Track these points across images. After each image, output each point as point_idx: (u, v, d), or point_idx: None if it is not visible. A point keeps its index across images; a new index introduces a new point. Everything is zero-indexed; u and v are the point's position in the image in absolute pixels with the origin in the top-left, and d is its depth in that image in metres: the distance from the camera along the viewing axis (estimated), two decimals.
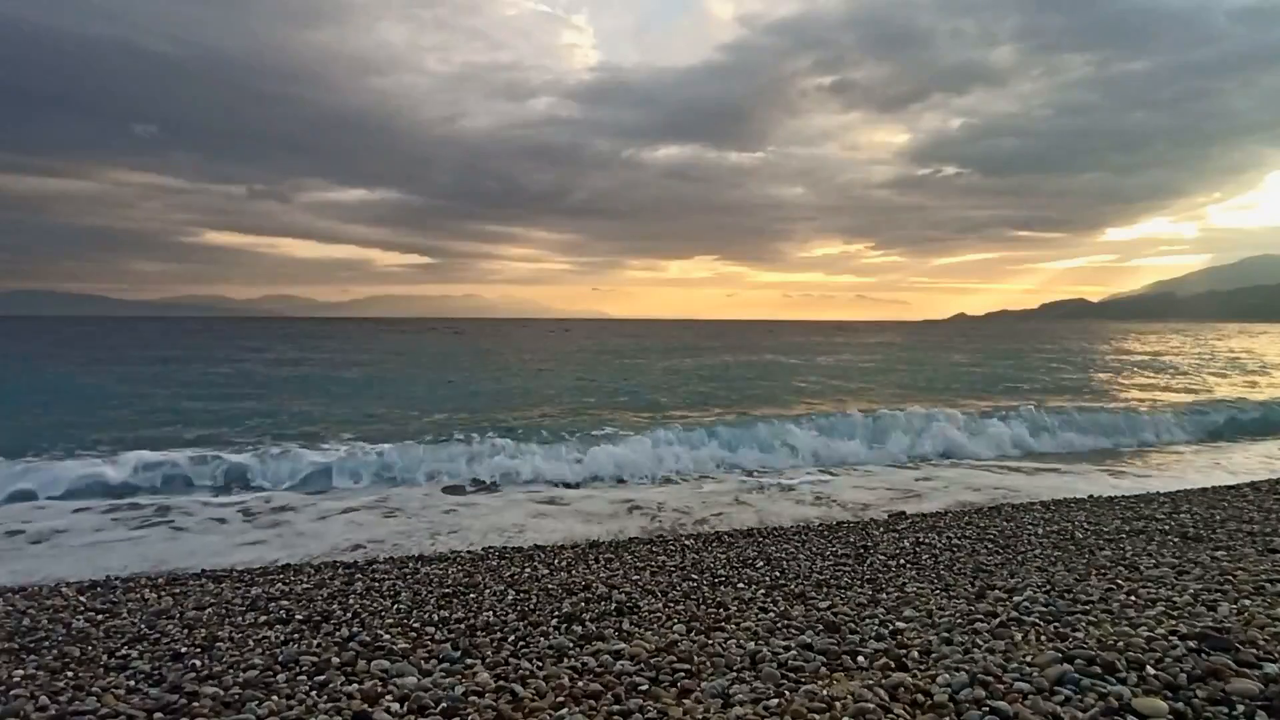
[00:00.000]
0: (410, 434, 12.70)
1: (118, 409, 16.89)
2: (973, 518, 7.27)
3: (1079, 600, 4.05)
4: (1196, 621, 3.42)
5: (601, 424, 14.31)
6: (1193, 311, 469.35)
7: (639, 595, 4.62)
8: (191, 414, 15.99)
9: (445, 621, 4.13)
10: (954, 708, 2.66)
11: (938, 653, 3.28)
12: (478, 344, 55.05)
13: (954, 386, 24.13)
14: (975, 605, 4.10)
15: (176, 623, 4.23)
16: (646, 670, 3.21)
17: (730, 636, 3.69)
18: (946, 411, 14.81)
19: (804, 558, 5.68)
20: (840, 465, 11.76)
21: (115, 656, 3.66)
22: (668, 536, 6.87)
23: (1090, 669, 2.84)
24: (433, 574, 5.34)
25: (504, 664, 3.40)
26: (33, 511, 8.07)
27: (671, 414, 16.56)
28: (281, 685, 3.18)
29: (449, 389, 22.47)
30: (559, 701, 2.92)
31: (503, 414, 16.15)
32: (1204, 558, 5.09)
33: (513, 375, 27.89)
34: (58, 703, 3.06)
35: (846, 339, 71.12)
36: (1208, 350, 47.18)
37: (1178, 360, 37.70)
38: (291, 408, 17.27)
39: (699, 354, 42.22)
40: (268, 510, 8.35)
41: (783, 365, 34.38)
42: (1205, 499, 7.86)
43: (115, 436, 12.45)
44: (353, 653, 3.57)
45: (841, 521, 7.45)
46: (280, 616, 4.29)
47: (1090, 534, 6.23)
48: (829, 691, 2.87)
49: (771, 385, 24.80)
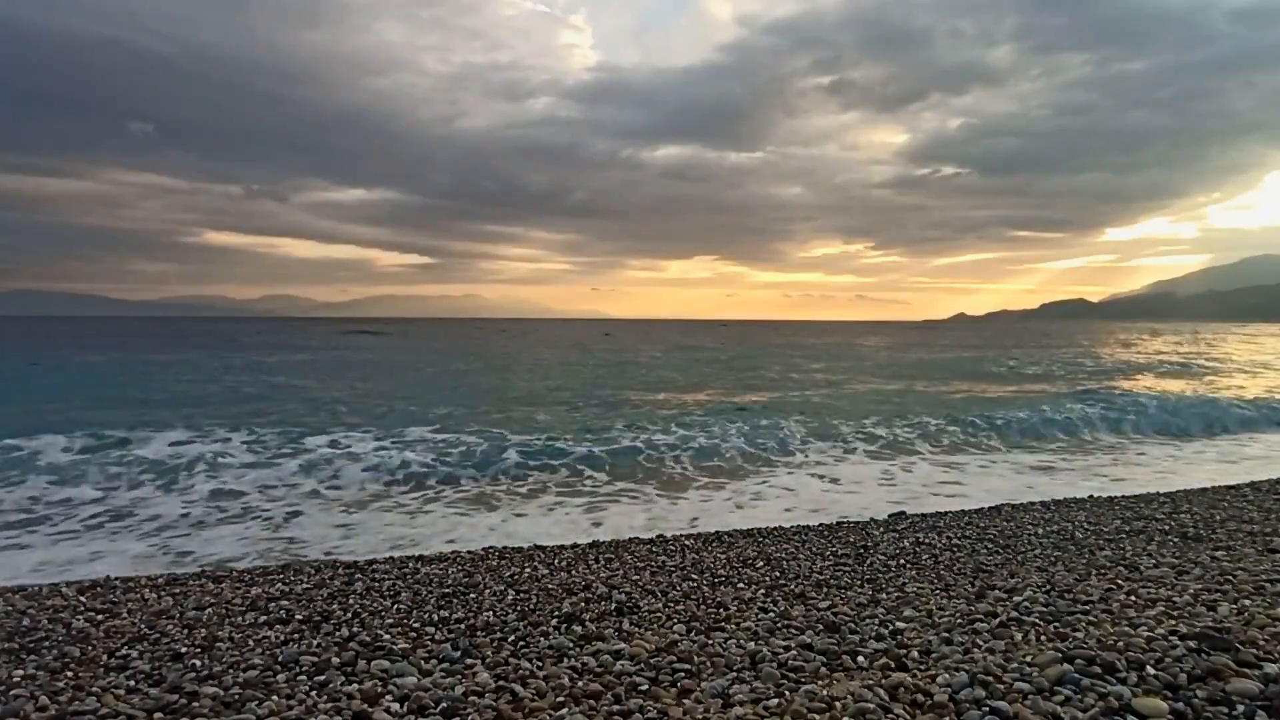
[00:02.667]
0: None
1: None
2: (973, 518, 7.27)
3: (1079, 600, 4.06)
4: (1196, 621, 3.42)
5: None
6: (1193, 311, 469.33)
7: (639, 595, 4.62)
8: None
9: (445, 621, 4.13)
10: (954, 708, 2.66)
11: (938, 653, 3.28)
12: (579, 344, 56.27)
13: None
14: (975, 605, 4.10)
15: (176, 623, 4.22)
16: (646, 670, 3.22)
17: (730, 636, 3.69)
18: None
19: (804, 558, 5.68)
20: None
21: (115, 656, 3.66)
22: (667, 536, 6.86)
23: (1090, 669, 2.84)
24: (433, 574, 5.34)
25: (504, 664, 3.40)
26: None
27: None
28: (281, 685, 3.18)
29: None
30: (559, 701, 2.92)
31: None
32: (1204, 558, 5.09)
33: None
34: (58, 703, 3.06)
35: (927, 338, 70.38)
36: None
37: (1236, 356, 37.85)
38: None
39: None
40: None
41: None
42: (1205, 499, 7.86)
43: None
44: (353, 653, 3.56)
45: (841, 521, 7.45)
46: (280, 616, 4.29)
47: (1090, 534, 6.23)
48: (829, 691, 2.87)
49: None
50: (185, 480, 9.46)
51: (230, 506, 8.49)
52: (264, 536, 7.38)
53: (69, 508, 8.24)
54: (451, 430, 13.16)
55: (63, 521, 7.77)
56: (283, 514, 8.23)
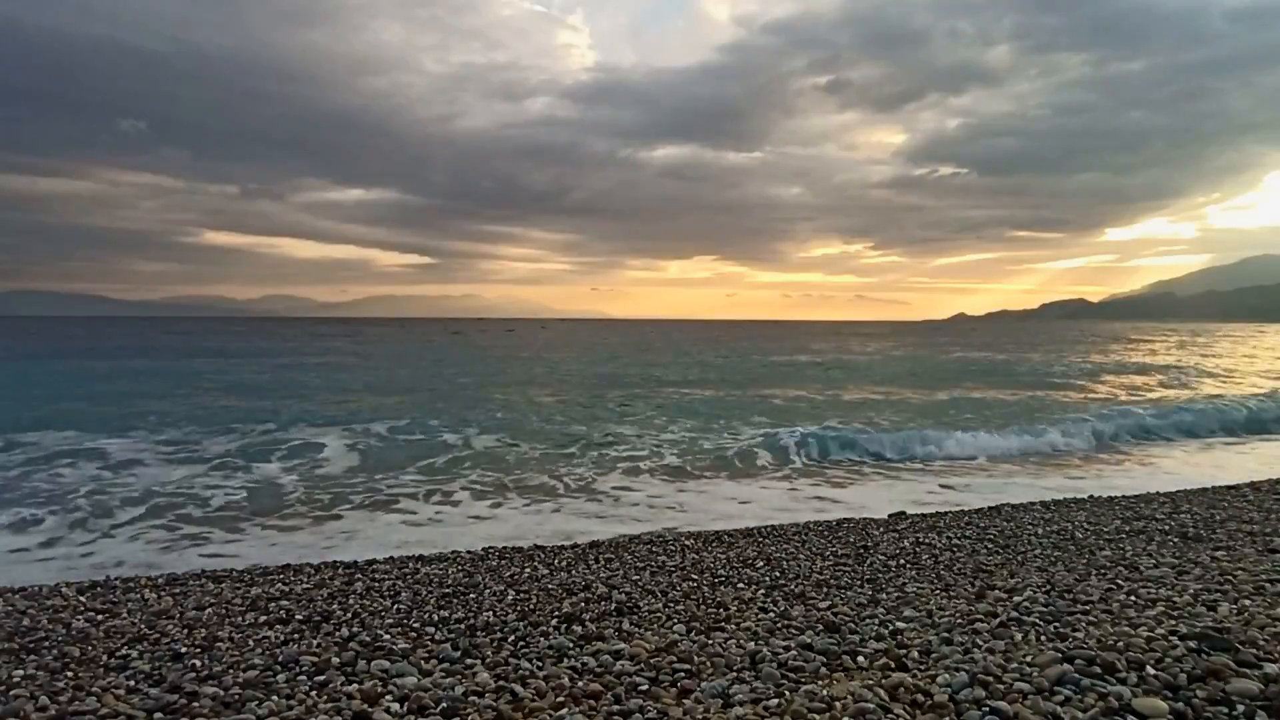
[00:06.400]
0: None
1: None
2: (973, 518, 7.26)
3: (1079, 600, 4.05)
4: (1196, 621, 3.42)
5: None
6: (1192, 311, 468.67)
7: (639, 595, 4.62)
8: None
9: (445, 621, 4.13)
10: (954, 708, 2.65)
11: (938, 653, 3.28)
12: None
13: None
14: (975, 605, 4.10)
15: (176, 623, 4.22)
16: (646, 670, 3.21)
17: (730, 636, 3.69)
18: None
19: (804, 558, 5.67)
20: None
21: (115, 656, 3.66)
22: (668, 537, 6.86)
23: (1090, 669, 2.84)
24: (433, 574, 5.34)
25: (504, 664, 3.40)
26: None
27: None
28: (281, 685, 3.17)
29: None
30: (559, 702, 2.92)
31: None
32: (1204, 558, 5.09)
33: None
34: (58, 703, 3.05)
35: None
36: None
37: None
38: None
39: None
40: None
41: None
42: (1205, 499, 7.86)
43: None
44: (353, 653, 3.56)
45: (841, 521, 7.44)
46: (280, 616, 4.29)
47: (1090, 534, 6.23)
48: (829, 691, 2.86)
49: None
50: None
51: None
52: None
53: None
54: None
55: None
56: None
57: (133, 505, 8.31)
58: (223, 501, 8.67)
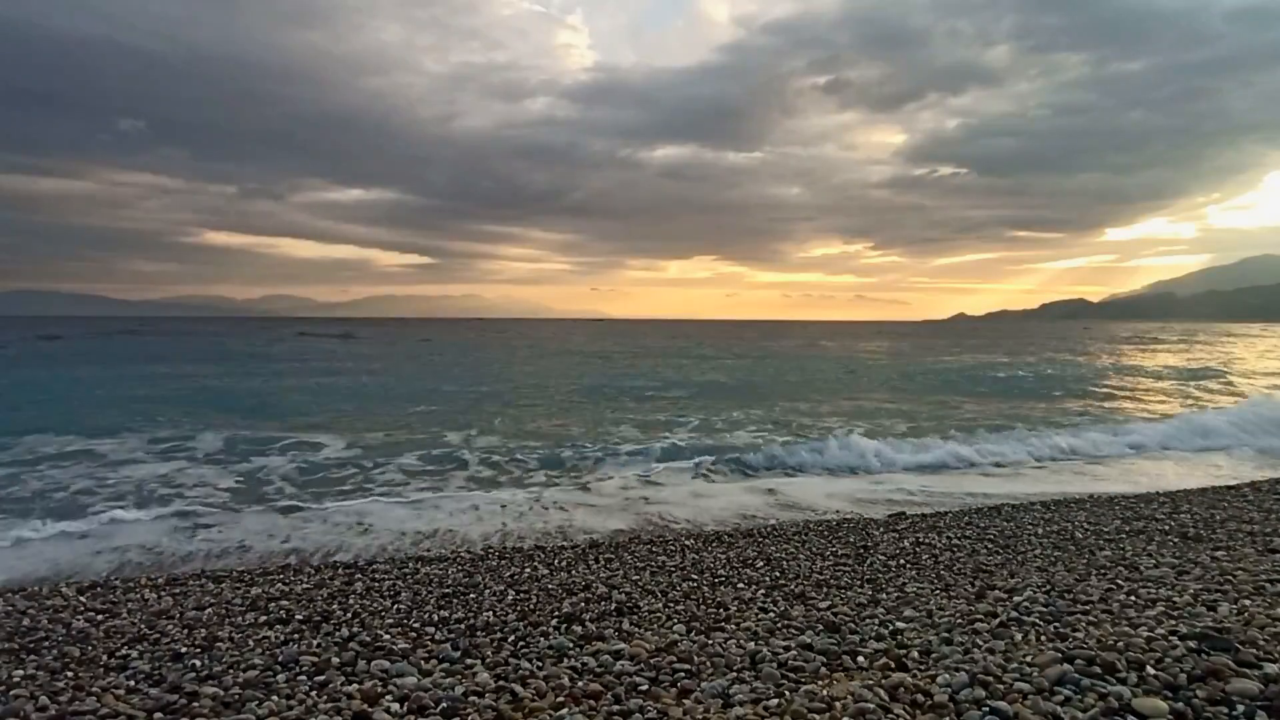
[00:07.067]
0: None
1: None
2: (973, 518, 7.26)
3: (1079, 600, 4.05)
4: (1196, 621, 3.42)
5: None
6: (1192, 311, 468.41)
7: (639, 595, 4.63)
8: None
9: (445, 621, 4.13)
10: (954, 708, 2.65)
11: (938, 653, 3.28)
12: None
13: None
14: (975, 605, 4.10)
15: (176, 623, 4.23)
16: (646, 670, 3.21)
17: (730, 636, 3.69)
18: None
19: (804, 558, 5.67)
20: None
21: (115, 656, 3.66)
22: (668, 537, 6.86)
23: (1090, 669, 2.84)
24: (433, 574, 5.34)
25: (504, 664, 3.40)
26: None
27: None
28: (281, 685, 3.18)
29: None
30: (559, 701, 2.92)
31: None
32: (1204, 558, 5.09)
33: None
34: (58, 703, 3.06)
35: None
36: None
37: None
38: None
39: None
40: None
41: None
42: (1205, 499, 7.86)
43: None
44: (353, 653, 3.57)
45: (841, 521, 7.44)
46: (280, 616, 4.29)
47: (1090, 534, 6.23)
48: (829, 691, 2.86)
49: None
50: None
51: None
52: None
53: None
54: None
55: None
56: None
57: (133, 506, 8.34)
58: (221, 501, 8.69)
